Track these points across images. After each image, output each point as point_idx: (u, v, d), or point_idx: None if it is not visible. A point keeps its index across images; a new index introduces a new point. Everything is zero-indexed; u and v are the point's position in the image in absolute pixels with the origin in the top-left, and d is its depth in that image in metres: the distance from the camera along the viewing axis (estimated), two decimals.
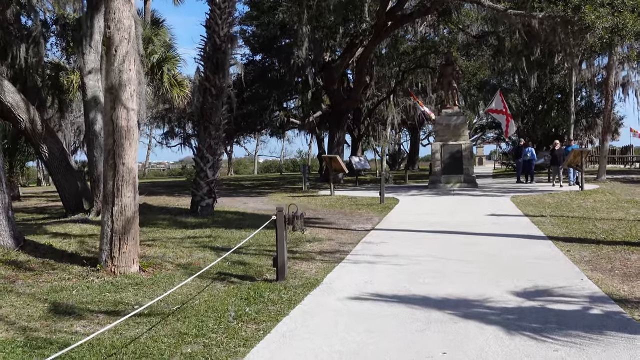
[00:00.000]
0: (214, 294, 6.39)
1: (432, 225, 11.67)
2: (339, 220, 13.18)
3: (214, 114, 13.51)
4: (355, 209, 15.55)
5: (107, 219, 6.95)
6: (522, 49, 27.17)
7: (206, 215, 13.55)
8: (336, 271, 7.58)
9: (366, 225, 12.16)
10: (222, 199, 20.93)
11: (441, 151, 22.20)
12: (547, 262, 7.85)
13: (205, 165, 13.59)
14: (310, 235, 10.75)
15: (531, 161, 24.38)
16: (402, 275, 7.21)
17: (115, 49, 6.77)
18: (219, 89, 13.58)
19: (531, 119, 34.13)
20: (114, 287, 6.57)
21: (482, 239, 9.93)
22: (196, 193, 13.74)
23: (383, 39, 27.50)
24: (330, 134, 30.88)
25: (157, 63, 21.31)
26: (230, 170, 64.58)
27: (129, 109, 6.83)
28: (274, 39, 31.63)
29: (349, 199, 18.61)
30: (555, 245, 9.07)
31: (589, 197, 16.93)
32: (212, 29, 13.54)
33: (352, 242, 9.93)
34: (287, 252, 8.89)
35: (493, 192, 19.61)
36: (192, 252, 8.81)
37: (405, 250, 8.91)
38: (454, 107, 23.12)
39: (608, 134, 24.24)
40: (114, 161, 6.84)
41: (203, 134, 13.63)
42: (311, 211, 15.59)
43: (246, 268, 7.77)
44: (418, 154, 58.01)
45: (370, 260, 8.25)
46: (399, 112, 38.60)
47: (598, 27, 15.79)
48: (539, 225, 11.35)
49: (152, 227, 11.94)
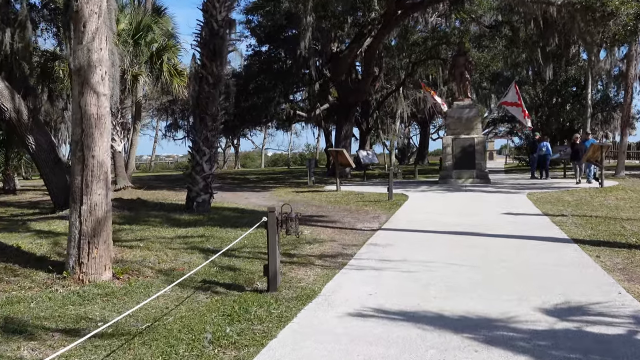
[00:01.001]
0: (194, 308, 5.52)
1: (444, 226, 10.74)
2: (344, 219, 12.29)
3: (211, 103, 12.63)
4: (362, 206, 14.65)
5: (74, 219, 6.09)
6: (537, 39, 26.13)
7: (202, 212, 12.70)
8: (337, 279, 6.70)
9: (372, 225, 11.26)
10: (223, 194, 20.11)
11: (452, 145, 21.23)
12: (575, 270, 6.93)
13: (201, 159, 12.72)
14: (311, 236, 9.87)
15: (547, 156, 23.35)
16: (411, 285, 6.31)
17: (83, 24, 5.89)
18: (217, 77, 12.69)
19: (545, 113, 33.01)
20: (80, 298, 5.71)
21: (500, 241, 9.00)
22: (192, 188, 12.89)
23: (392, 29, 26.49)
24: (337, 127, 29.93)
25: (156, 52, 20.46)
26: (237, 164, 63.84)
27: (99, 94, 5.96)
28: (280, 29, 30.67)
29: (356, 194, 17.70)
30: (583, 250, 8.13)
31: (610, 194, 15.94)
32: (209, 13, 12.64)
33: (356, 244, 9.03)
34: (284, 256, 8.02)
35: (507, 189, 18.64)
36: (178, 255, 7.94)
37: (414, 255, 8.01)
38: (466, 99, 22.11)
39: (627, 128, 23.15)
40: (83, 153, 5.97)
41: (199, 125, 12.75)
42: (315, 208, 14.72)
43: (236, 275, 6.89)
44: (428, 148, 56.91)
45: (375, 266, 7.35)
46: (408, 105, 37.57)
47: (622, 13, 14.76)
48: (561, 225, 10.41)
49: (143, 225, 11.09)
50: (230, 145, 65.55)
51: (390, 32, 27.24)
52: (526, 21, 24.58)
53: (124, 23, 20.63)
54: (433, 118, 50.84)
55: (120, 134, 21.01)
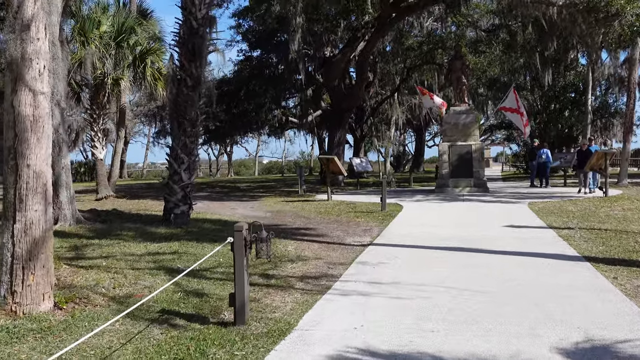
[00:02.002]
0: (142, 348, 4.58)
1: (441, 240, 9.83)
2: (333, 232, 11.36)
3: (190, 107, 11.71)
4: (353, 217, 13.74)
5: (6, 240, 5.14)
6: (535, 43, 25.35)
7: (180, 224, 11.75)
8: (318, 308, 5.77)
9: (363, 239, 10.34)
10: (210, 203, 19.18)
11: (449, 152, 20.35)
12: (592, 295, 6.02)
13: (179, 167, 11.79)
14: (295, 253, 8.95)
15: (546, 163, 22.49)
16: (404, 316, 5.39)
17: (17, 7, 4.97)
18: (196, 79, 11.79)
19: (544, 119, 32.17)
20: (8, 335, 4.76)
21: (504, 259, 8.09)
22: (169, 199, 11.94)
23: (387, 33, 25.66)
24: (330, 134, 29.04)
25: (140, 55, 19.54)
26: (230, 172, 62.88)
27: (36, 92, 5.03)
28: (271, 33, 29.84)
29: (347, 204, 16.79)
30: (597, 270, 7.24)
31: (615, 204, 15.09)
32: (188, 10, 11.75)
33: (344, 263, 8.10)
34: (261, 277, 7.12)
35: (507, 198, 17.75)
36: (140, 276, 7.00)
37: (409, 276, 7.10)
38: (463, 104, 21.25)
39: (630, 134, 22.32)
40: (16, 162, 5.04)
41: (177, 130, 11.83)
42: (303, 219, 13.81)
43: (201, 302, 5.96)
44: (423, 156, 56.09)
45: (363, 290, 6.43)
46: (403, 111, 36.71)
47: (628, 13, 13.93)
48: (569, 240, 9.51)
49: (113, 239, 10.15)
50: (223, 153, 64.66)
51: (385, 35, 26.41)
52: (524, 24, 23.81)
53: (106, 25, 19.74)
54: (429, 125, 50.08)
55: (101, 140, 20.07)
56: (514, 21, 25.14)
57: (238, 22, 30.41)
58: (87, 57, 17.10)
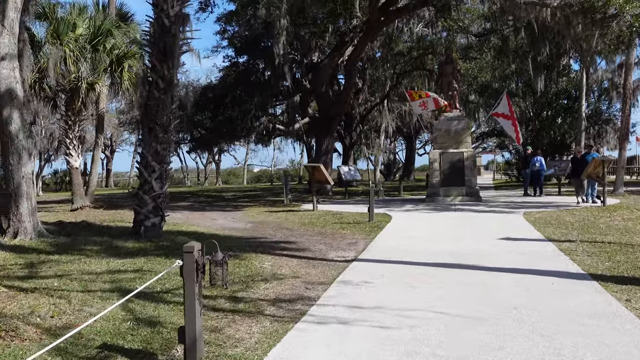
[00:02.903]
0: None
1: (432, 255, 9.01)
2: (315, 245, 10.53)
3: (161, 112, 10.86)
4: (339, 229, 12.91)
5: None
6: (528, 48, 24.71)
7: (151, 237, 10.87)
8: (288, 341, 4.93)
9: (347, 254, 9.51)
10: (190, 214, 18.31)
11: (440, 160, 19.58)
12: (606, 324, 5.21)
13: (150, 176, 10.91)
14: (271, 270, 8.10)
15: (540, 171, 21.78)
16: (388, 351, 4.56)
17: None
18: (168, 81, 10.95)
19: (536, 126, 31.51)
20: None
21: (502, 277, 7.28)
22: (139, 210, 11.06)
23: (375, 37, 24.93)
24: (317, 141, 28.22)
25: (117, 59, 18.67)
26: (218, 180, 62.01)
27: None
28: (257, 38, 29.06)
29: (333, 215, 15.97)
30: (607, 291, 6.44)
31: (615, 214, 14.36)
32: (159, 7, 10.91)
33: (323, 282, 7.26)
34: (228, 301, 6.28)
35: (501, 208, 16.99)
36: (88, 301, 6.13)
37: (395, 299, 6.27)
38: (454, 110, 20.52)
39: (625, 141, 21.65)
40: None
41: (148, 136, 10.96)
42: (285, 231, 12.97)
43: (152, 333, 5.10)
44: (414, 164, 55.44)
45: (343, 317, 5.60)
46: (393, 118, 35.98)
47: (628, 13, 13.23)
48: (571, 255, 8.72)
49: (75, 254, 9.27)
50: (211, 162, 63.78)
51: (374, 41, 25.70)
52: (516, 29, 23.17)
53: (82, 27, 18.90)
54: (419, 132, 49.44)
55: (77, 148, 19.16)
56: (505, 26, 24.53)
57: (224, 28, 29.56)
58: (51, 58, 16.20)
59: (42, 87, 18.53)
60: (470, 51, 28.98)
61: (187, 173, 68.72)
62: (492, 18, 24.91)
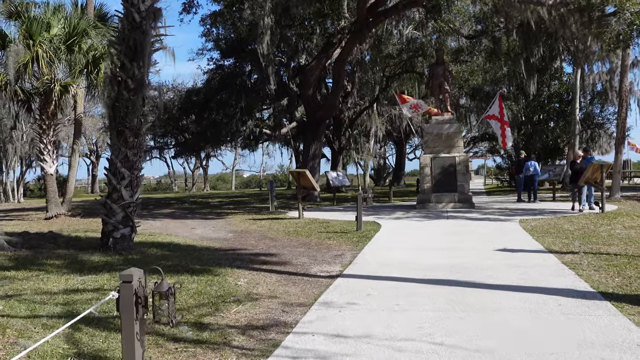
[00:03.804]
0: None
1: (425, 270, 8.21)
2: (298, 258, 9.72)
3: (131, 114, 10.04)
4: (324, 239, 12.11)
5: None
6: (520, 50, 24.07)
7: (120, 250, 10.03)
8: None
9: (332, 268, 8.71)
10: (169, 222, 17.46)
11: (431, 165, 18.83)
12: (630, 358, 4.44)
13: (119, 183, 10.08)
14: (246, 289, 7.28)
15: (534, 176, 21.09)
16: None
17: None
18: (139, 81, 10.13)
19: (529, 130, 30.87)
20: None
21: (505, 297, 6.49)
22: (107, 220, 10.21)
23: (364, 38, 24.16)
24: (305, 145, 27.43)
25: (93, 60, 17.81)
26: (206, 186, 61.06)
27: None
28: (243, 41, 28.25)
29: (320, 223, 15.19)
30: (621, 313, 5.68)
31: (615, 221, 13.66)
32: (129, 2, 10.11)
33: (303, 304, 6.46)
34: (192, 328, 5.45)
35: (495, 215, 16.26)
36: (27, 331, 5.28)
37: (384, 325, 5.47)
38: (446, 113, 19.79)
39: (622, 145, 21.02)
40: None
41: (116, 140, 10.13)
42: (268, 241, 12.16)
43: None
44: (404, 169, 54.78)
45: (322, 350, 4.78)
46: (383, 122, 35.23)
47: (628, 10, 12.55)
48: (577, 269, 7.95)
49: (33, 271, 8.43)
50: (199, 167, 62.84)
51: (362, 42, 24.94)
52: (509, 30, 22.51)
53: (57, 27, 18.04)
54: (409, 137, 48.81)
55: (52, 154, 18.26)
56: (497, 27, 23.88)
57: (208, 29, 28.70)
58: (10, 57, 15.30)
59: (15, 89, 17.65)
60: (461, 54, 28.34)
61: (174, 179, 67.70)
62: (484, 19, 24.29)
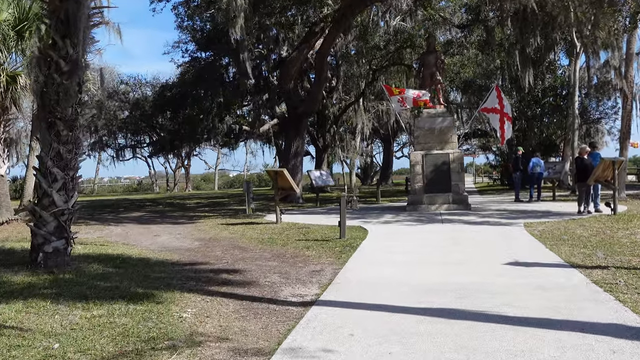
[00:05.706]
0: None
1: (423, 294, 6.51)
2: (267, 276, 7.98)
3: (64, 102, 8.26)
4: (302, 249, 10.40)
5: None
6: (515, 40, 22.49)
7: (52, 266, 8.24)
8: None
9: (307, 290, 6.99)
10: (132, 228, 15.64)
11: (423, 163, 17.17)
12: None
13: (51, 187, 8.29)
14: (189, 326, 5.53)
15: (541, 174, 19.55)
16: None
17: None
18: (73, 62, 8.37)
19: (523, 125, 29.31)
20: None
21: (532, 338, 4.78)
22: (37, 232, 8.41)
23: (348, 26, 22.43)
24: (286, 143, 25.64)
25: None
26: (188, 186, 59.08)
27: None
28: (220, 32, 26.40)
29: (299, 228, 13.48)
30: None
31: (632, 225, 12.11)
32: None
33: (262, 351, 4.73)
34: None
35: (495, 218, 14.62)
36: None
37: None
38: (438, 105, 18.14)
39: (627, 140, 19.48)
40: None
41: (47, 134, 8.34)
42: (236, 252, 10.41)
43: None
44: (392, 167, 53.17)
45: None
46: (370, 118, 33.53)
47: None
48: (614, 291, 6.29)
49: None
50: (180, 167, 60.85)
51: (346, 31, 23.23)
52: (503, 18, 20.90)
53: (7, 12, 16.15)
54: (397, 134, 47.18)
55: (2, 152, 16.40)
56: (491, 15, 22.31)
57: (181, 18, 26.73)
58: None
59: None
60: (452, 46, 26.73)
61: (155, 179, 65.62)
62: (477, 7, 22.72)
